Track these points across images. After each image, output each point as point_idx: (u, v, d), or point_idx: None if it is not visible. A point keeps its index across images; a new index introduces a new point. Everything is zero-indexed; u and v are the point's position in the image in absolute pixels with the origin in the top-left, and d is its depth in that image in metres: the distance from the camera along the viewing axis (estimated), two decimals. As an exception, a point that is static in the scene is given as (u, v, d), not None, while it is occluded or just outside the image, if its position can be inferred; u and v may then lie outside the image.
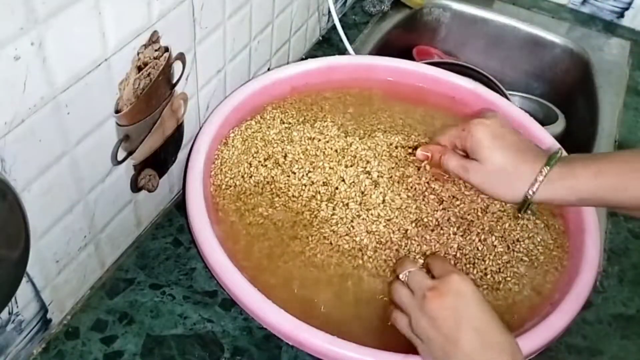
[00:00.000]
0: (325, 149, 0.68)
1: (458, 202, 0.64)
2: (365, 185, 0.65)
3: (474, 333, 0.47)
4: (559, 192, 0.55)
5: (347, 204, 0.63)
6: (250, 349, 0.58)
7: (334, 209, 0.63)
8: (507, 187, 0.57)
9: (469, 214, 0.63)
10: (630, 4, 1.13)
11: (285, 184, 0.65)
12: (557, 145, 0.71)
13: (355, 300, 0.58)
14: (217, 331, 0.59)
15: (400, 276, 0.54)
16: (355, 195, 0.64)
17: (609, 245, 0.73)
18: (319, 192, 0.64)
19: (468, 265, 0.60)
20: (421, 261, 0.59)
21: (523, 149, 0.58)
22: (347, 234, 0.61)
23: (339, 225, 0.62)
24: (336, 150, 0.68)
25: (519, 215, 0.60)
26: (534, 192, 0.55)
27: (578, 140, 0.95)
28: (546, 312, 0.56)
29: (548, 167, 0.55)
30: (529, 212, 0.62)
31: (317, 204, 0.63)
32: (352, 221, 0.62)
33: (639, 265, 0.71)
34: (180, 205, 0.69)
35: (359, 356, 0.50)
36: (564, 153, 0.61)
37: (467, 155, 0.61)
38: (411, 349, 0.52)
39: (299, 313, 0.53)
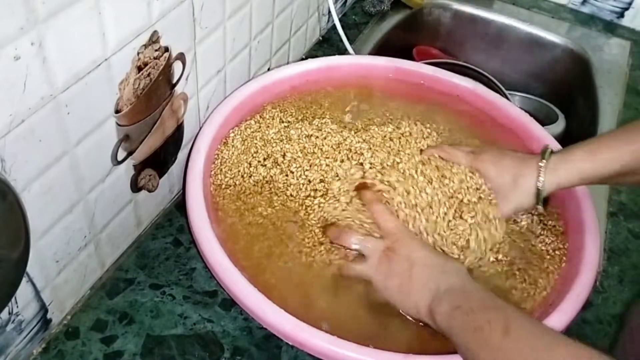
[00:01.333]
0: (322, 145, 0.68)
1: (447, 181, 0.64)
2: (357, 179, 0.64)
3: (424, 268, 0.55)
4: (564, 176, 0.60)
5: (339, 200, 0.63)
6: (250, 349, 0.58)
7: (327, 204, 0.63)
8: (524, 192, 0.62)
9: (459, 193, 0.64)
10: (630, 4, 1.13)
11: (284, 183, 0.65)
12: (556, 144, 0.71)
13: (355, 300, 0.58)
14: (217, 331, 0.59)
15: (353, 246, 0.59)
16: (349, 191, 0.64)
17: (609, 245, 0.73)
18: (316, 190, 0.64)
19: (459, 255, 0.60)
20: (366, 225, 0.60)
21: (522, 158, 0.64)
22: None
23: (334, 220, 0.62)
24: (332, 147, 0.68)
25: (544, 213, 0.64)
26: (542, 182, 0.60)
27: (578, 140, 0.95)
28: (546, 312, 0.56)
29: (545, 160, 0.61)
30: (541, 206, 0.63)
31: (311, 201, 0.63)
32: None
33: (639, 265, 0.71)
34: (180, 205, 0.69)
35: (359, 356, 0.50)
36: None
37: None
38: (411, 349, 0.52)
39: (299, 313, 0.53)
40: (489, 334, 0.47)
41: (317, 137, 0.69)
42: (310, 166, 0.66)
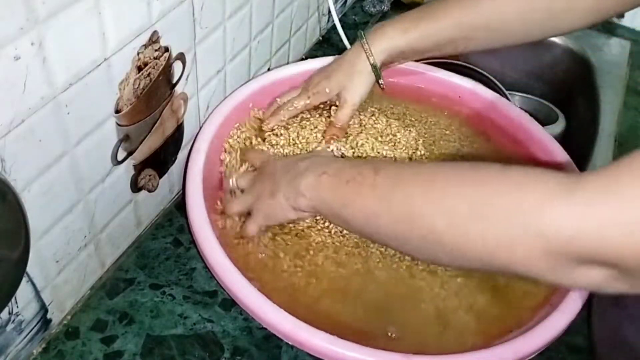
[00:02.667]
0: (315, 140, 0.68)
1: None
2: None
3: (285, 169, 0.58)
4: (384, 55, 0.68)
5: None
6: (250, 349, 0.58)
7: None
8: (363, 74, 0.69)
9: None
10: (630, 4, 1.13)
11: None
12: (556, 144, 0.71)
13: (356, 300, 0.58)
14: (217, 331, 0.59)
15: (231, 183, 0.64)
16: None
17: (609, 245, 0.72)
18: None
19: None
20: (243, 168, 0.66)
21: (344, 55, 0.71)
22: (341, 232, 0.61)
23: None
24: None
25: (383, 87, 0.72)
26: (373, 59, 0.67)
27: (578, 140, 0.95)
28: (546, 312, 0.56)
29: (364, 41, 0.68)
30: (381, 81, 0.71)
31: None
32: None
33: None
34: (180, 205, 0.69)
35: (359, 356, 0.50)
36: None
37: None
38: (411, 350, 0.52)
39: (299, 313, 0.53)
40: (360, 182, 0.48)
41: (313, 131, 0.69)
42: None
